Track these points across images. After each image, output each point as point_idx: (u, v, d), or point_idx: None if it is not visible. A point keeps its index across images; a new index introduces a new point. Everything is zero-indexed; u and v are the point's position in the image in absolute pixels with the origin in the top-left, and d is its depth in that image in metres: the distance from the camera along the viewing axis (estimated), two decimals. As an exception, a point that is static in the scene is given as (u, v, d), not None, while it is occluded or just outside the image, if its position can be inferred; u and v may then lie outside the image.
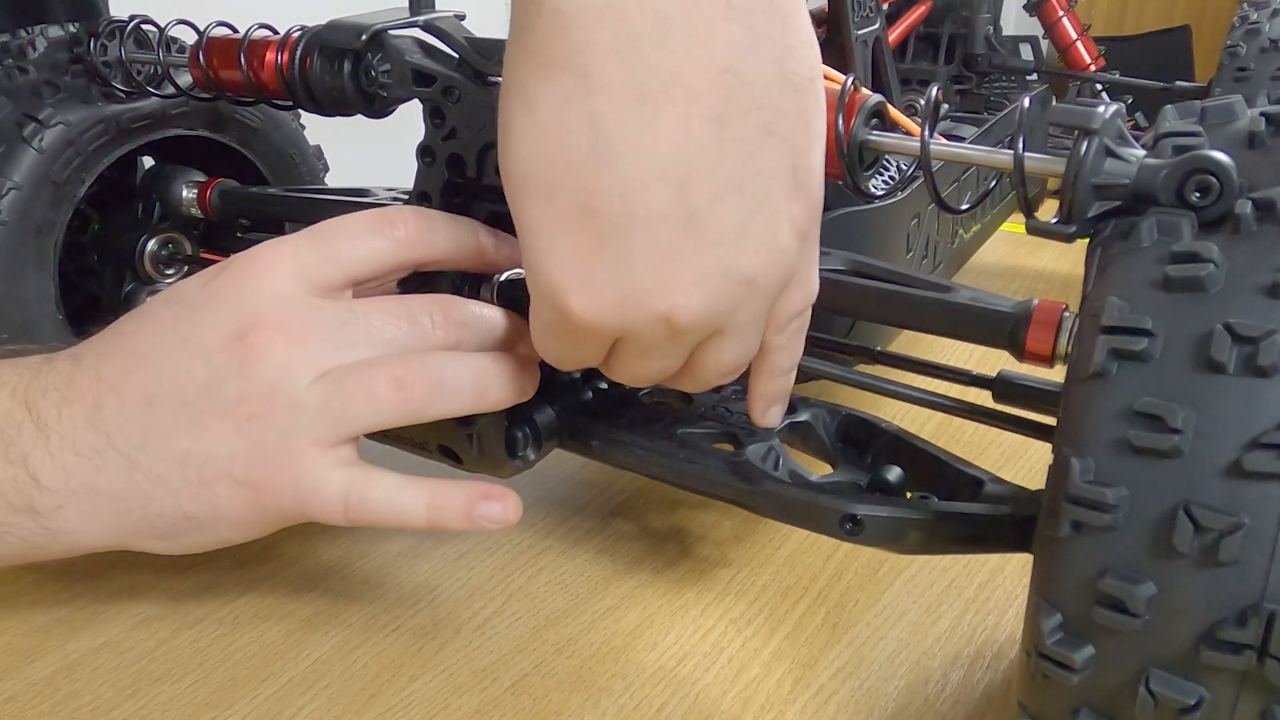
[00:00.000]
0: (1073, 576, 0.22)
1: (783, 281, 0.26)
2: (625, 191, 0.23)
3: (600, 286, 0.24)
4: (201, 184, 0.50)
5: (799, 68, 0.24)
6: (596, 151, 0.23)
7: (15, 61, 0.44)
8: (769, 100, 0.24)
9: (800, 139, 0.25)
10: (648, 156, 0.23)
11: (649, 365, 0.27)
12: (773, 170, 0.24)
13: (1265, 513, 0.19)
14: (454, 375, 0.29)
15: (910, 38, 0.76)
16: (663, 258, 0.24)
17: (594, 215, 0.24)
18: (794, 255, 0.26)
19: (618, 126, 0.23)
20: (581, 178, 0.23)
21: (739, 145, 0.24)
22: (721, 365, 0.27)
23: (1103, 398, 0.21)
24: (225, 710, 0.32)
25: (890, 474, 0.32)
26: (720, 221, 0.24)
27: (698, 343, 0.26)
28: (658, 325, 0.25)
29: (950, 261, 0.56)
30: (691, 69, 0.23)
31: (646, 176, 0.23)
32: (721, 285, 0.25)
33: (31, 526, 0.29)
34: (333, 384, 0.28)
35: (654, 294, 0.24)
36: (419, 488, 0.30)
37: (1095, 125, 0.24)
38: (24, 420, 0.29)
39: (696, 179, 0.23)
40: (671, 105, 0.23)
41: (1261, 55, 0.56)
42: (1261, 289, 0.20)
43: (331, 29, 0.38)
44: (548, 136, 0.24)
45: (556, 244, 0.24)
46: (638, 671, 0.34)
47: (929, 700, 0.33)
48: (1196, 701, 0.21)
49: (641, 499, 0.44)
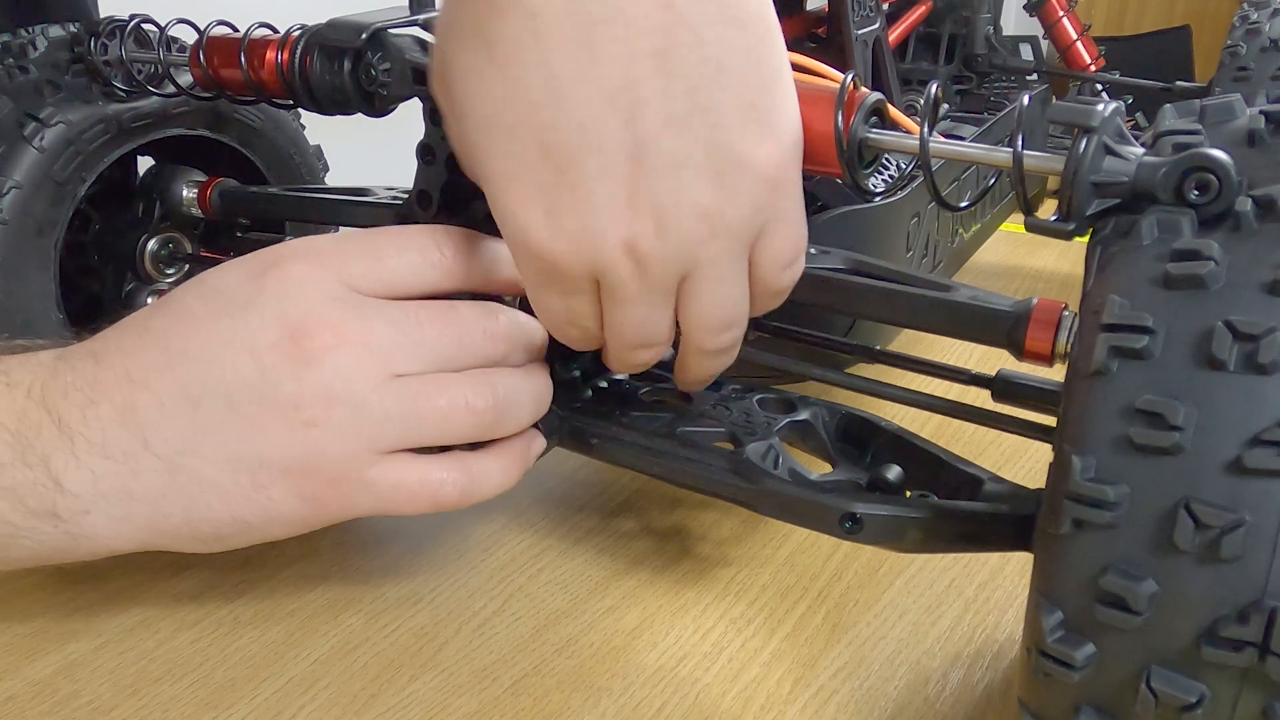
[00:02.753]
0: (1074, 574, 0.21)
1: (750, 223, 0.26)
2: (577, 124, 0.24)
3: (563, 221, 0.26)
4: (202, 184, 0.50)
5: (743, 3, 0.25)
6: (549, 87, 0.24)
7: (16, 60, 0.44)
8: (713, 35, 0.25)
9: (752, 76, 0.25)
10: (595, 89, 0.24)
11: (633, 315, 0.27)
12: (723, 106, 0.25)
13: (1266, 509, 0.19)
14: (516, 401, 0.30)
15: (910, 38, 0.76)
16: (617, 186, 0.25)
17: (552, 151, 0.25)
18: (758, 196, 0.26)
19: (566, 62, 0.24)
20: (538, 114, 0.25)
21: (684, 79, 0.24)
22: (705, 313, 0.28)
23: (1103, 395, 0.21)
24: (225, 710, 0.32)
25: (890, 473, 0.32)
26: (668, 151, 0.25)
27: (671, 287, 0.27)
28: (623, 258, 0.26)
29: (950, 261, 0.56)
30: (633, 5, 0.24)
31: (595, 108, 0.24)
32: (676, 216, 0.25)
33: (52, 531, 0.28)
34: (405, 398, 0.28)
35: (613, 223, 0.25)
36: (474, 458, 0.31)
37: (1094, 123, 0.24)
38: (43, 421, 0.27)
39: (642, 109, 0.24)
40: (614, 40, 0.24)
41: (1262, 55, 0.56)
42: (1262, 286, 0.20)
43: (331, 28, 0.38)
44: (506, 76, 0.25)
45: (521, 183, 0.26)
46: (638, 671, 0.34)
47: (929, 700, 0.33)
48: (1198, 699, 0.21)
49: (641, 498, 0.44)
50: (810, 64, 0.44)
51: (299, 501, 0.28)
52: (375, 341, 0.28)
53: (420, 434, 0.29)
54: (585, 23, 0.24)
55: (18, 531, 0.28)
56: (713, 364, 0.30)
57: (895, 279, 0.34)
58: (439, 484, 0.29)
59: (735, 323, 0.29)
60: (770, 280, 0.28)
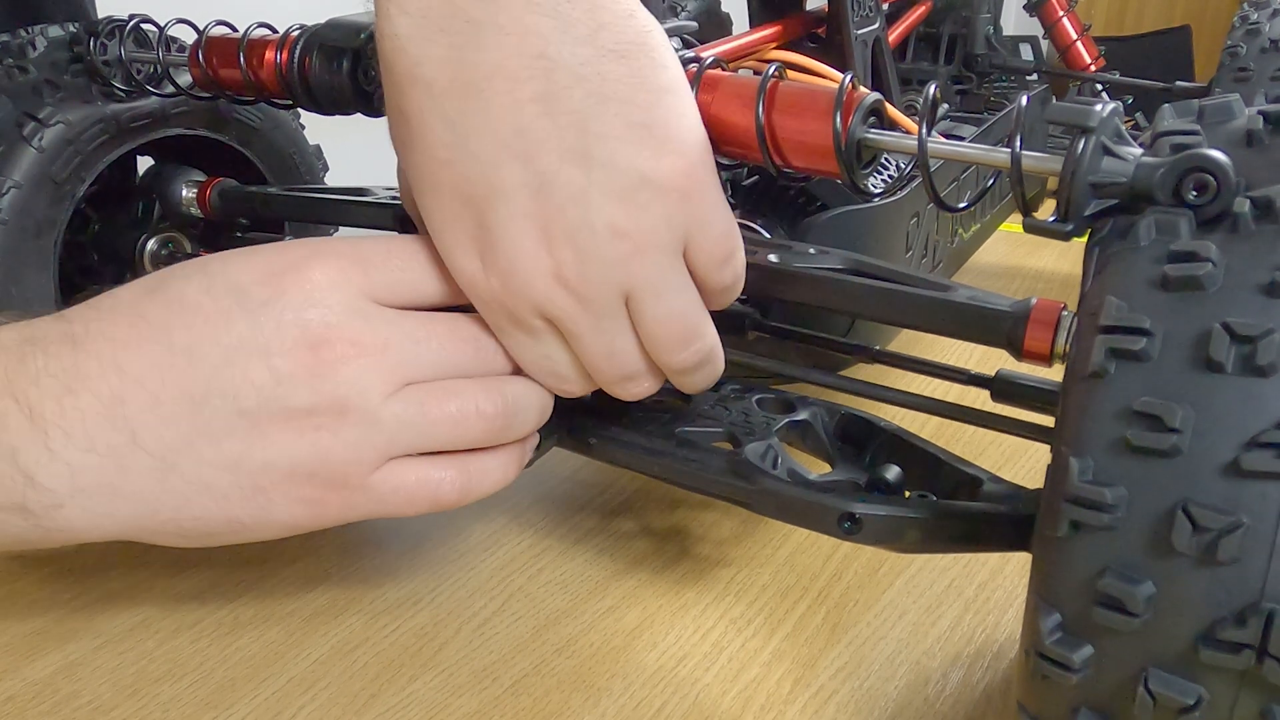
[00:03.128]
0: (1072, 576, 0.21)
1: (669, 233, 0.27)
2: (481, 172, 0.26)
3: (494, 264, 0.27)
4: (201, 183, 0.50)
5: (619, 38, 0.27)
6: (456, 145, 0.27)
7: (15, 61, 0.44)
8: (591, 73, 0.26)
9: (640, 97, 0.27)
10: (492, 138, 0.26)
11: (596, 347, 0.29)
12: (615, 131, 0.26)
13: (1264, 512, 0.19)
14: (524, 406, 0.30)
15: (910, 38, 0.75)
16: (530, 223, 0.27)
17: (470, 200, 0.27)
18: (669, 206, 0.27)
19: (463, 119, 0.26)
20: (453, 170, 0.27)
21: (572, 116, 0.26)
22: (659, 330, 0.29)
23: (1101, 397, 0.21)
24: (225, 710, 0.32)
25: (889, 473, 0.32)
26: (570, 182, 0.26)
27: (617, 310, 0.28)
28: (556, 290, 0.27)
29: (949, 261, 0.56)
30: (508, 62, 0.26)
31: (496, 155, 0.26)
32: (592, 240, 0.27)
33: (21, 524, 0.26)
34: (415, 405, 0.28)
35: (535, 258, 0.27)
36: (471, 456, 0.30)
37: (1092, 124, 0.24)
38: (9, 410, 0.26)
39: (537, 149, 0.26)
40: (499, 93, 0.26)
41: (1262, 55, 0.56)
42: (1260, 288, 0.20)
43: (330, 28, 0.38)
44: (422, 143, 0.27)
45: (455, 236, 0.28)
46: (638, 671, 0.34)
47: (929, 700, 0.33)
48: (1195, 701, 0.20)
49: (641, 499, 0.44)
50: (810, 64, 0.44)
51: (298, 505, 0.28)
52: (391, 354, 0.28)
53: (432, 440, 0.29)
54: (472, 82, 0.26)
55: None
56: (695, 379, 0.31)
57: (894, 279, 0.34)
58: (438, 483, 0.29)
59: (694, 334, 0.29)
60: (712, 280, 0.29)
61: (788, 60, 0.45)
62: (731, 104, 0.29)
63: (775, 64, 0.30)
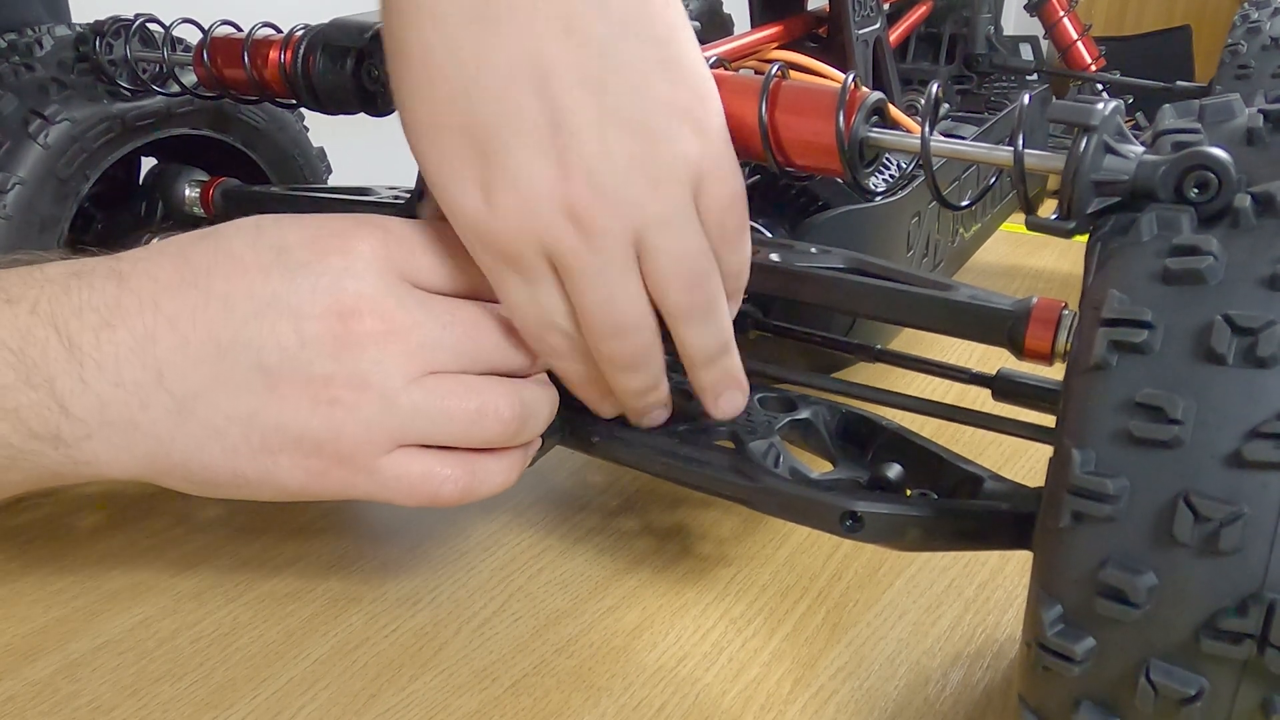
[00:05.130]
0: (1073, 567, 0.21)
1: (686, 168, 0.27)
2: (491, 102, 0.25)
3: (500, 199, 0.26)
4: (204, 183, 0.50)
5: None
6: (460, 74, 0.25)
7: (22, 58, 0.45)
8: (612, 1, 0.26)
9: (660, 30, 0.26)
10: (506, 68, 0.25)
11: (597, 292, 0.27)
12: (634, 61, 0.26)
13: (1265, 502, 0.19)
14: (535, 411, 0.30)
15: (911, 38, 0.76)
16: (543, 154, 0.26)
17: (475, 134, 0.26)
18: (687, 140, 0.27)
19: (471, 45, 0.25)
20: (456, 104, 0.26)
21: (592, 44, 0.25)
22: (671, 268, 0.27)
23: (1103, 389, 0.21)
24: (225, 710, 0.32)
25: (890, 471, 0.31)
26: (586, 111, 0.25)
27: (626, 253, 0.27)
28: (565, 224, 0.26)
29: (951, 260, 0.56)
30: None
31: (507, 85, 0.25)
32: (609, 172, 0.26)
33: (53, 455, 0.27)
34: (435, 397, 0.28)
35: (547, 190, 0.26)
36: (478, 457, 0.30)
37: (1094, 122, 0.24)
38: (49, 340, 0.26)
39: (552, 75, 0.25)
40: (517, 22, 0.25)
41: (1262, 54, 0.56)
42: (1261, 281, 0.20)
43: (335, 27, 0.38)
44: (422, 75, 0.26)
45: (455, 173, 0.27)
46: (638, 671, 0.34)
47: (929, 700, 0.33)
48: (1197, 691, 0.20)
49: (642, 498, 0.44)
50: (811, 64, 0.44)
51: (302, 473, 0.28)
52: (419, 337, 0.28)
53: (444, 434, 0.29)
54: (488, 12, 0.25)
55: (17, 455, 0.27)
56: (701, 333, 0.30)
57: (896, 278, 0.34)
58: (441, 480, 0.29)
59: (703, 276, 0.28)
60: (724, 221, 0.28)
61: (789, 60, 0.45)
62: (735, 103, 0.30)
63: (778, 63, 0.30)
